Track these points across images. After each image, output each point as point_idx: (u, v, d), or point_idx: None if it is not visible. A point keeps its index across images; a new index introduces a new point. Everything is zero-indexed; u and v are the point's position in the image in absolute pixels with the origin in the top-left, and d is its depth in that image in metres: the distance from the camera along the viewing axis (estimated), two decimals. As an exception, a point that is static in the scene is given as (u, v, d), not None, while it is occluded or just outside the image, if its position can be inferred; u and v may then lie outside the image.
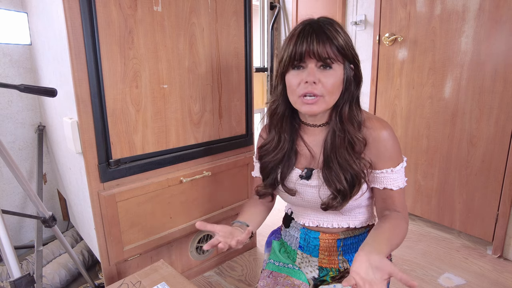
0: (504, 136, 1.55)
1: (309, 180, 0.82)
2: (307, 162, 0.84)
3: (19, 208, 1.72)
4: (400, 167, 0.78)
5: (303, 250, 0.90)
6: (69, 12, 1.00)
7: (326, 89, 0.73)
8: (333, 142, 0.78)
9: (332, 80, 0.73)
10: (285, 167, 0.84)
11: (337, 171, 0.76)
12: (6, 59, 1.57)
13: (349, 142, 0.76)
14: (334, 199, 0.78)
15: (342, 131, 0.76)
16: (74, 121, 1.11)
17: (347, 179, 0.76)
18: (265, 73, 2.58)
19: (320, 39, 0.71)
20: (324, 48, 0.71)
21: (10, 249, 0.88)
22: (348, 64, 0.75)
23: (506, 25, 1.49)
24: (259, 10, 2.54)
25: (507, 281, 1.48)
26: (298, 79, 0.74)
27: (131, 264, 1.31)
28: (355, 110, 0.78)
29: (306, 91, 0.73)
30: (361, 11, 2.08)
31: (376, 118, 0.80)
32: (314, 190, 0.82)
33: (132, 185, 1.22)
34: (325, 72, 0.73)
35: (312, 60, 0.72)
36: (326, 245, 0.87)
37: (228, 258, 1.67)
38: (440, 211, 1.86)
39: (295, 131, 0.85)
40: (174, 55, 1.25)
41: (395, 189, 0.78)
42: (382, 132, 0.76)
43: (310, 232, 0.88)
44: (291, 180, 0.85)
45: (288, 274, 0.87)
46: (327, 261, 0.87)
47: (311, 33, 0.72)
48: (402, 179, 0.79)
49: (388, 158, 0.77)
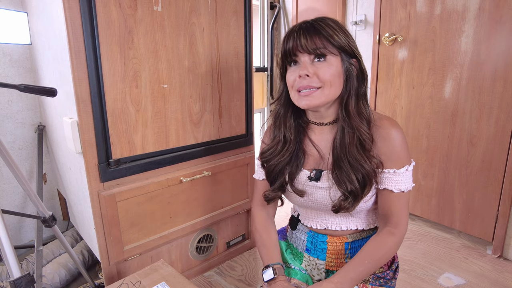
0: (504, 136, 1.55)
1: (319, 181, 0.80)
2: (315, 162, 0.82)
3: (19, 208, 1.72)
4: (404, 170, 0.75)
5: (310, 253, 0.89)
6: (69, 12, 1.00)
7: (323, 81, 0.72)
8: (343, 141, 0.76)
9: (327, 71, 0.72)
10: (293, 167, 0.82)
11: (348, 171, 0.75)
12: (6, 59, 1.57)
13: (359, 139, 0.74)
14: (345, 200, 0.76)
15: (351, 127, 0.75)
16: (74, 121, 1.11)
17: (358, 179, 0.74)
18: (265, 73, 2.58)
19: (307, 32, 0.72)
20: (311, 40, 0.71)
21: (10, 249, 0.88)
22: (347, 56, 0.75)
23: (506, 25, 1.49)
24: (259, 10, 2.54)
25: (507, 281, 1.48)
26: (295, 75, 0.75)
27: (131, 264, 1.31)
28: (362, 105, 0.77)
29: (301, 85, 0.73)
30: (361, 11, 2.08)
31: (387, 117, 0.78)
32: (324, 191, 0.80)
33: (132, 185, 1.22)
34: (320, 63, 0.73)
35: (304, 54, 0.73)
36: (333, 248, 0.85)
37: (228, 258, 1.67)
38: (440, 211, 1.86)
39: (302, 130, 0.84)
40: (174, 55, 1.25)
41: (395, 192, 0.76)
42: (391, 131, 0.75)
43: (317, 236, 0.87)
44: (299, 181, 0.83)
45: (294, 276, 0.86)
46: (335, 264, 0.86)
47: (300, 31, 0.73)
48: (405, 182, 0.76)
49: (393, 158, 0.75)
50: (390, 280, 0.84)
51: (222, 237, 1.63)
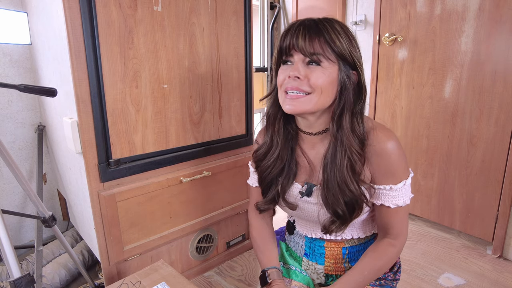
0: (504, 136, 1.55)
1: (310, 197, 0.78)
2: (307, 175, 0.79)
3: (19, 208, 1.72)
4: (402, 185, 0.71)
5: (308, 257, 0.88)
6: (69, 12, 1.00)
7: (314, 86, 0.67)
8: (333, 159, 0.71)
9: (319, 77, 0.67)
10: (285, 179, 0.79)
11: (336, 193, 0.71)
12: (6, 59, 1.57)
13: (349, 160, 0.70)
14: (333, 223, 0.74)
15: (342, 145, 0.70)
16: (74, 121, 1.11)
17: (346, 202, 0.71)
18: (265, 73, 2.58)
19: (308, 33, 0.66)
20: (310, 42, 0.66)
21: (10, 249, 0.88)
22: (346, 67, 0.69)
23: (506, 25, 1.49)
24: (259, 10, 2.54)
25: (507, 281, 1.48)
26: (285, 73, 0.70)
27: (131, 264, 1.31)
28: (357, 122, 0.70)
29: (289, 85, 0.68)
30: (361, 11, 2.08)
31: (382, 129, 0.72)
32: (316, 207, 0.78)
33: (132, 185, 1.22)
34: (313, 68, 0.67)
35: (299, 54, 0.68)
36: (331, 253, 0.85)
37: (228, 258, 1.67)
38: (440, 211, 1.86)
39: (293, 138, 0.79)
40: (174, 55, 1.25)
41: (392, 207, 0.73)
42: (386, 145, 0.70)
43: (315, 241, 0.86)
44: (291, 194, 0.81)
45: (294, 278, 0.86)
46: (333, 268, 0.86)
47: (300, 27, 0.68)
48: (403, 197, 0.72)
49: (388, 174, 0.71)
50: (391, 281, 0.84)
51: (222, 237, 1.63)
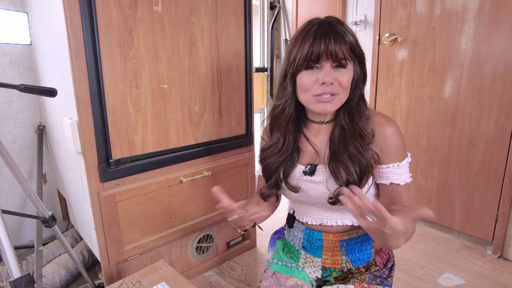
0: (504, 136, 1.55)
1: (313, 176, 0.81)
2: (310, 158, 0.84)
3: (19, 208, 1.72)
4: (406, 162, 0.79)
5: (306, 250, 0.90)
6: (69, 12, 1.00)
7: (341, 87, 0.74)
8: (342, 135, 0.78)
9: (346, 79, 0.74)
10: (287, 165, 0.84)
11: (347, 163, 0.76)
12: (6, 59, 1.57)
13: (359, 134, 0.77)
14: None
15: (352, 125, 0.78)
16: (74, 121, 1.11)
17: (356, 171, 0.76)
18: (265, 73, 2.58)
19: (336, 39, 0.71)
20: (340, 48, 0.71)
21: (10, 249, 0.88)
22: (357, 61, 0.77)
23: (506, 25, 1.49)
24: (259, 10, 2.54)
25: (507, 281, 1.48)
26: (313, 79, 0.74)
27: (131, 264, 1.31)
28: (362, 105, 0.80)
29: (323, 91, 0.74)
30: (361, 11, 2.08)
31: (381, 114, 0.81)
32: (319, 186, 0.81)
33: (132, 185, 1.22)
34: (340, 71, 0.74)
35: (328, 60, 0.73)
36: (329, 245, 0.86)
37: (228, 258, 1.67)
38: (440, 211, 1.86)
39: (298, 130, 0.85)
40: (174, 55, 1.25)
41: (402, 184, 0.78)
42: (388, 128, 0.78)
43: (313, 233, 0.88)
44: (294, 176, 0.84)
45: (291, 274, 0.87)
46: (331, 261, 0.87)
47: (326, 33, 0.71)
48: (407, 174, 0.79)
49: (394, 153, 0.78)
50: (386, 278, 0.85)
51: (222, 237, 1.63)
